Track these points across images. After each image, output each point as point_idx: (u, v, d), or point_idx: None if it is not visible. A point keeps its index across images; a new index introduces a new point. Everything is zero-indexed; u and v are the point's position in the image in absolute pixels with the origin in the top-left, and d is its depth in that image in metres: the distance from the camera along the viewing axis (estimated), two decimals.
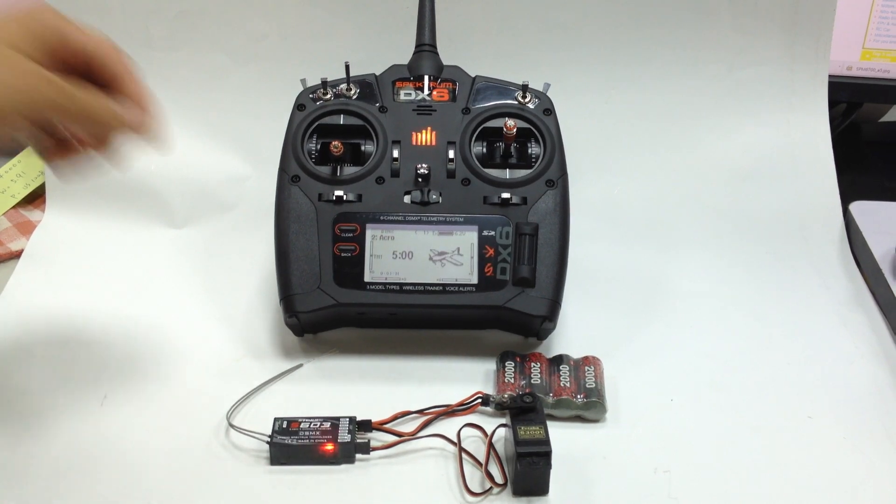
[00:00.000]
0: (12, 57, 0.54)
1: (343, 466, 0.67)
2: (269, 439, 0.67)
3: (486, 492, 0.65)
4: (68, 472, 0.67)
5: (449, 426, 0.70)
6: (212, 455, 0.68)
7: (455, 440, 0.68)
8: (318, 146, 0.79)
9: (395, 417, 0.70)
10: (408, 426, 0.70)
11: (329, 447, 0.67)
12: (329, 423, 0.68)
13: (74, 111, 0.57)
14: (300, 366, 0.76)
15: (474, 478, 0.66)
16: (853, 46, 0.99)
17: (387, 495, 0.65)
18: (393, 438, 0.68)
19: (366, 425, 0.69)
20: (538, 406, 0.67)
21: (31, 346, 0.78)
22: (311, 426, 0.68)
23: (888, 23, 0.98)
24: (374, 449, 0.67)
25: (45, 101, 0.55)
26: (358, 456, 0.67)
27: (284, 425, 0.68)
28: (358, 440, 0.67)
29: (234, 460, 0.68)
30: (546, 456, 0.64)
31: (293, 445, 0.67)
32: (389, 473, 0.67)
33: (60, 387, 0.74)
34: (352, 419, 0.69)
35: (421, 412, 0.71)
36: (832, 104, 0.99)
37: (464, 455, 0.67)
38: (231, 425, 0.70)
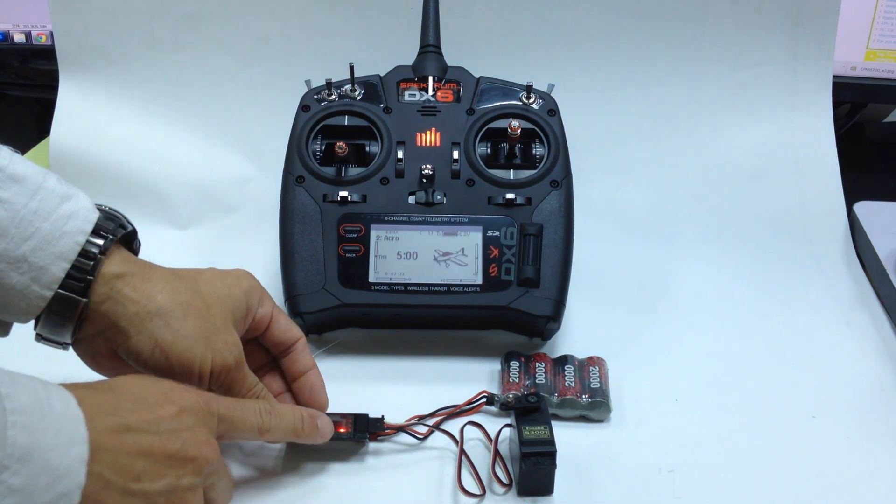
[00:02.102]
0: (228, 326, 0.63)
1: (350, 465, 0.67)
2: None
3: (480, 494, 0.64)
4: None
5: (455, 425, 0.70)
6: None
7: (458, 438, 0.68)
8: (323, 147, 0.79)
9: (409, 423, 0.70)
10: (415, 427, 0.70)
11: (342, 429, 0.67)
12: (339, 416, 0.69)
13: (238, 386, 0.64)
14: None
15: (470, 480, 0.66)
16: (857, 47, 0.99)
17: (391, 494, 0.65)
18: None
19: (378, 423, 0.69)
20: (543, 406, 0.67)
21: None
22: None
23: (892, 23, 0.98)
24: (388, 426, 0.69)
25: (224, 369, 0.62)
26: (367, 457, 0.67)
27: None
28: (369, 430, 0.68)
29: (245, 457, 0.68)
30: (551, 456, 0.64)
31: None
32: (394, 473, 0.67)
33: None
34: (363, 415, 0.69)
35: (432, 415, 0.70)
36: (836, 104, 0.99)
37: (463, 457, 0.67)
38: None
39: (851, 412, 0.74)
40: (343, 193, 0.77)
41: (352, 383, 0.75)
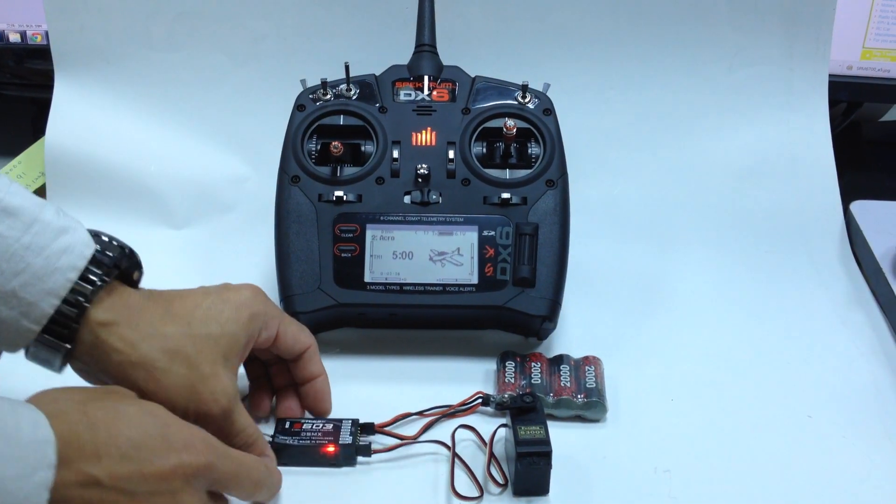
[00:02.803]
0: (217, 373, 0.61)
1: (343, 469, 0.67)
2: (270, 439, 0.67)
3: (476, 497, 0.64)
4: None
5: (449, 428, 0.70)
6: None
7: (449, 444, 0.68)
8: (318, 147, 0.79)
9: (397, 420, 0.70)
10: (409, 427, 0.70)
11: (330, 449, 0.67)
12: (331, 425, 0.68)
13: (224, 435, 0.61)
14: None
15: (466, 481, 0.66)
16: (853, 46, 0.99)
17: (385, 498, 0.65)
18: (394, 441, 0.68)
19: (368, 428, 0.69)
20: (538, 406, 0.67)
21: None
22: (314, 427, 0.68)
23: (888, 22, 0.98)
24: (376, 452, 0.67)
25: (207, 417, 0.60)
26: (359, 458, 0.67)
27: (287, 426, 0.68)
28: (360, 442, 0.67)
29: None
30: (546, 456, 0.64)
31: (295, 446, 0.67)
32: (389, 476, 0.67)
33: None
34: (354, 421, 0.69)
35: (421, 413, 0.71)
36: (832, 104, 0.99)
37: (456, 459, 0.67)
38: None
39: (847, 411, 0.74)
40: (338, 193, 0.77)
41: (347, 383, 0.75)
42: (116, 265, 0.60)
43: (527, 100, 0.81)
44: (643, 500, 0.66)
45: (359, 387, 0.75)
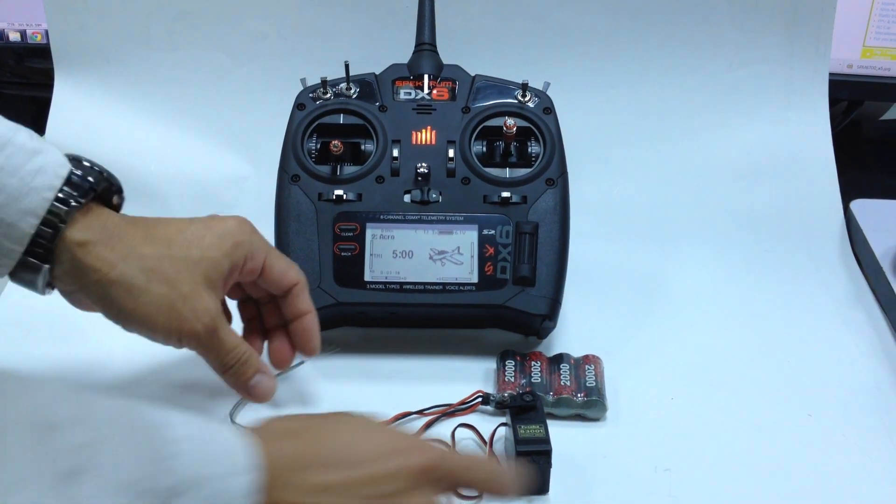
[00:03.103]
0: (198, 292, 0.62)
1: None
2: None
3: (476, 496, 0.64)
4: None
5: (449, 426, 0.70)
6: None
7: (449, 443, 0.68)
8: (318, 145, 0.79)
9: (397, 418, 0.70)
10: (409, 426, 0.70)
11: None
12: None
13: (212, 354, 0.64)
14: (301, 363, 0.76)
15: None
16: (854, 44, 0.99)
17: None
18: None
19: None
20: (538, 405, 0.67)
21: (31, 347, 0.78)
22: None
23: (889, 21, 0.98)
24: None
25: (194, 337, 0.62)
26: None
27: None
28: None
29: None
30: (546, 455, 0.64)
31: None
32: None
33: None
34: None
35: (421, 412, 0.71)
36: (833, 102, 0.99)
37: None
38: (234, 423, 0.70)
39: (847, 410, 0.74)
40: (338, 192, 0.77)
41: (347, 382, 0.75)
42: (93, 188, 0.60)
43: (527, 98, 0.81)
44: (643, 499, 0.66)
45: (359, 385, 0.75)
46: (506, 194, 0.77)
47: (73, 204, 0.59)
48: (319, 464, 0.51)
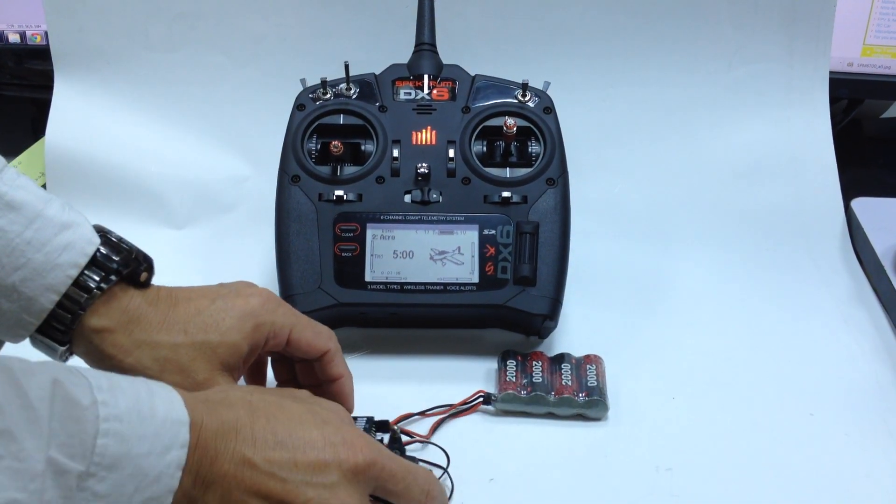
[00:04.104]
0: (213, 379, 0.60)
1: None
2: None
3: None
4: None
5: (451, 426, 0.70)
6: None
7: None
8: (318, 146, 0.79)
9: (399, 420, 0.70)
10: (412, 426, 0.70)
11: None
12: None
13: None
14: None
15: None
16: (854, 42, 0.99)
17: None
18: (406, 438, 0.68)
19: (383, 425, 0.68)
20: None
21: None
22: None
23: (889, 19, 0.98)
24: (386, 447, 0.67)
25: None
26: None
27: None
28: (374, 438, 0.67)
29: None
30: None
31: None
32: None
33: None
34: (369, 419, 0.68)
35: (423, 413, 0.71)
36: (833, 101, 0.98)
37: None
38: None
39: (849, 409, 0.73)
40: (339, 192, 0.77)
41: None
42: (118, 271, 0.59)
43: (527, 98, 0.81)
44: (645, 499, 0.65)
45: (360, 386, 0.74)
46: (506, 194, 0.77)
47: (95, 291, 0.58)
48: (252, 437, 0.51)
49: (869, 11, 0.97)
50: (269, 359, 0.69)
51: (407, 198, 0.77)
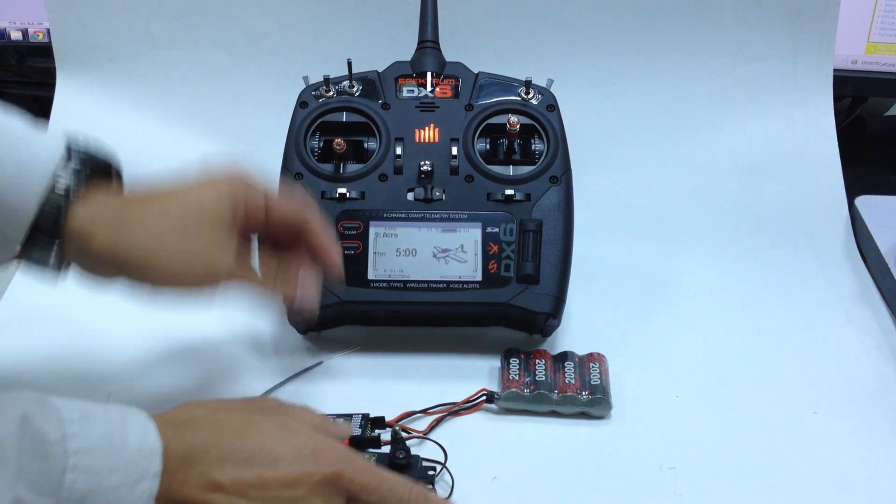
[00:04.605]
0: (216, 237, 0.61)
1: None
2: None
3: None
4: None
5: (453, 424, 0.70)
6: None
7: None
8: (321, 144, 0.79)
9: (401, 418, 0.70)
10: (415, 424, 0.70)
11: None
12: (342, 419, 0.68)
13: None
14: (320, 363, 0.76)
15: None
16: (858, 40, 0.99)
17: None
18: (403, 435, 0.68)
19: (379, 422, 0.68)
20: (414, 462, 0.63)
21: (33, 347, 0.78)
22: None
23: (893, 16, 0.97)
24: (385, 443, 0.67)
25: (229, 273, 0.62)
26: (369, 451, 0.67)
27: None
28: (369, 435, 0.67)
29: None
30: None
31: None
32: None
33: (63, 387, 0.74)
34: (365, 416, 0.68)
35: (426, 411, 0.71)
36: (837, 98, 0.98)
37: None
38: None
39: (853, 407, 0.73)
40: (341, 190, 0.77)
41: (351, 380, 0.75)
42: (89, 174, 0.60)
43: (530, 96, 0.81)
44: (649, 498, 0.65)
45: (363, 384, 0.75)
46: (509, 192, 0.76)
47: (72, 194, 0.59)
48: (220, 458, 0.51)
49: (873, 9, 0.97)
50: (258, 251, 0.68)
51: (410, 196, 0.77)
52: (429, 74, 0.82)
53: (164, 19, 0.94)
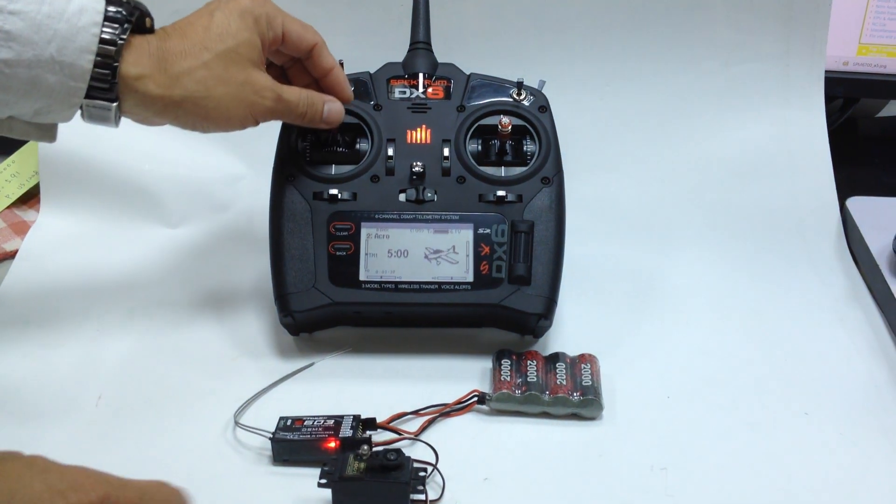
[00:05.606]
0: (252, 75, 0.69)
1: None
2: (271, 436, 0.67)
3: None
4: None
5: (445, 426, 0.70)
6: (215, 454, 0.68)
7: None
8: (313, 145, 0.79)
9: (392, 419, 0.70)
10: (406, 425, 0.70)
11: (332, 444, 0.66)
12: (332, 421, 0.68)
13: (287, 115, 0.73)
14: (311, 364, 0.76)
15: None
16: (849, 41, 0.99)
17: None
18: (394, 436, 0.69)
19: (370, 423, 0.69)
20: (405, 462, 0.63)
21: (25, 347, 0.78)
22: (315, 423, 0.68)
23: (884, 17, 0.98)
24: (376, 445, 0.67)
25: (269, 112, 0.71)
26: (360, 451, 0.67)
27: (289, 423, 0.68)
28: (360, 436, 0.67)
29: (239, 458, 0.68)
30: None
31: (295, 441, 0.67)
32: None
33: (55, 387, 0.74)
34: (356, 417, 0.68)
35: (417, 413, 0.71)
36: (829, 99, 0.98)
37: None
38: (237, 423, 0.70)
39: (844, 409, 0.73)
40: (333, 191, 0.76)
41: (342, 382, 0.75)
42: (129, 20, 0.64)
43: (522, 97, 0.81)
44: (639, 498, 0.65)
45: (354, 385, 0.75)
46: (501, 193, 0.76)
47: (119, 42, 0.63)
48: None
49: (865, 10, 0.97)
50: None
51: (402, 197, 0.77)
52: (421, 75, 0.82)
53: (158, 20, 0.93)
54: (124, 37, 0.64)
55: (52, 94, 0.63)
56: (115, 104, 0.65)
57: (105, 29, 0.63)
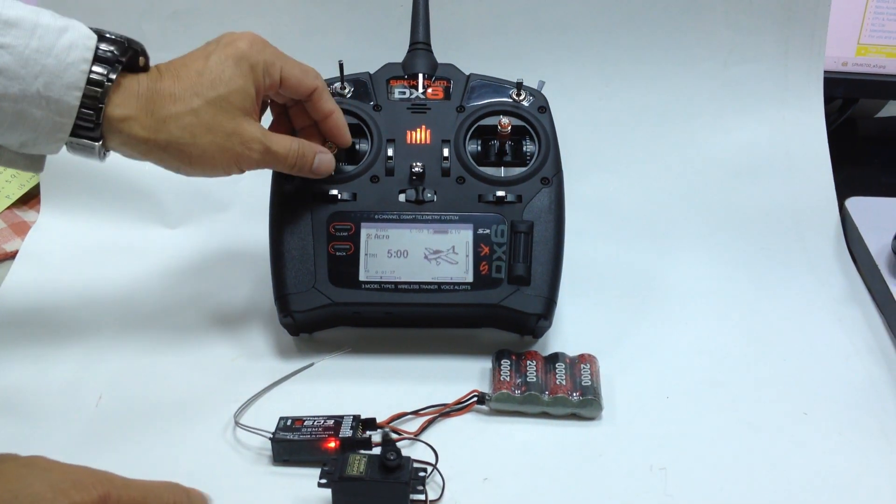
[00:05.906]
0: (241, 125, 0.68)
1: None
2: (271, 436, 0.67)
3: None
4: None
5: (444, 426, 0.70)
6: (215, 454, 0.68)
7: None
8: None
9: (392, 419, 0.70)
10: (405, 426, 0.70)
11: (332, 444, 0.66)
12: (332, 421, 0.68)
13: (275, 166, 0.72)
14: (311, 365, 0.76)
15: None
16: (848, 42, 0.99)
17: None
18: (394, 436, 0.68)
19: (370, 423, 0.69)
20: (405, 463, 0.63)
21: (25, 347, 0.78)
22: (315, 423, 0.68)
23: (883, 18, 0.98)
24: (376, 445, 0.67)
25: (255, 163, 0.70)
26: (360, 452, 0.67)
27: (289, 423, 0.68)
28: (360, 437, 0.67)
29: (239, 458, 0.68)
30: None
31: (295, 441, 0.67)
32: None
33: (55, 388, 0.74)
34: (356, 417, 0.68)
35: (417, 413, 0.71)
36: (828, 100, 0.99)
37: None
38: (237, 423, 0.70)
39: (843, 409, 0.74)
40: (333, 192, 0.77)
41: (342, 382, 0.75)
42: (120, 60, 0.64)
43: (521, 97, 0.81)
44: (639, 498, 0.65)
45: (354, 385, 0.75)
46: (501, 193, 0.77)
47: (107, 83, 0.63)
48: None
49: (863, 11, 0.98)
50: (269, 106, 0.76)
51: (401, 197, 0.77)
52: (420, 76, 0.82)
53: (156, 20, 0.94)
54: (113, 77, 0.63)
55: (38, 128, 0.62)
56: (98, 143, 0.64)
57: (94, 69, 0.63)
